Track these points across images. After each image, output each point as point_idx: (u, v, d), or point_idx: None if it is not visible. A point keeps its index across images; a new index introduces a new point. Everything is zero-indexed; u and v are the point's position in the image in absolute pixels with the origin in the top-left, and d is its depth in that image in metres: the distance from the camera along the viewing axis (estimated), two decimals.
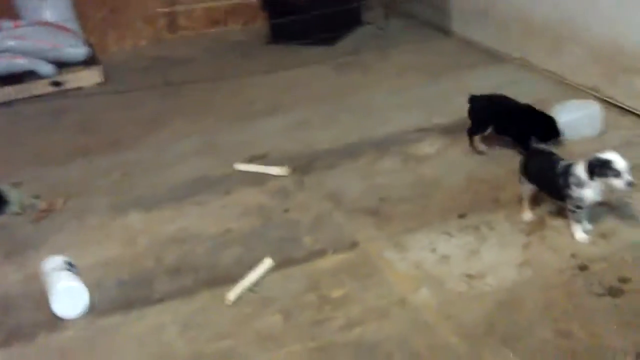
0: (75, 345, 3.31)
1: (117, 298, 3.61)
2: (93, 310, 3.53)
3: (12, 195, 4.45)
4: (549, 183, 3.65)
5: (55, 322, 3.46)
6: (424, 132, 4.99)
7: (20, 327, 3.45)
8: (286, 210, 4.24)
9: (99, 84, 6.68)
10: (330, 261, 3.74)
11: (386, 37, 7.11)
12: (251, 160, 4.82)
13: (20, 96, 6.41)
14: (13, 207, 4.40)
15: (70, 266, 3.66)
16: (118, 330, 3.39)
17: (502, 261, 3.56)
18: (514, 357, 2.97)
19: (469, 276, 3.49)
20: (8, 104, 6.32)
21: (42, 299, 3.59)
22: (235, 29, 7.93)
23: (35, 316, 3.52)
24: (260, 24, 7.75)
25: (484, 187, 4.22)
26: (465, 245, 3.71)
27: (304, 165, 4.71)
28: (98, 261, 3.91)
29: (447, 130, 4.94)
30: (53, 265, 3.64)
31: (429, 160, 4.61)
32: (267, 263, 3.69)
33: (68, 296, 3.47)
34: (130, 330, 3.38)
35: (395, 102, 5.55)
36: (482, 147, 4.59)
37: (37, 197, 4.54)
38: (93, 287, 3.69)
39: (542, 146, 3.85)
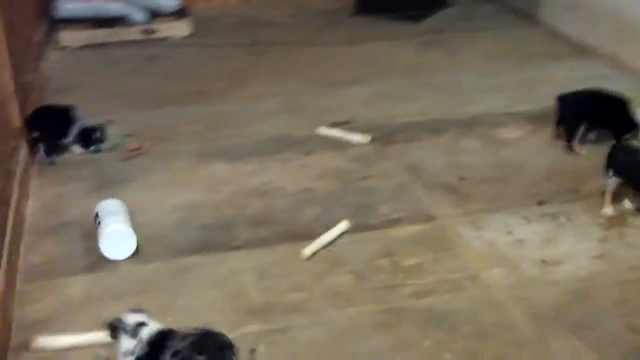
0: (157, 278, 3.47)
1: (198, 240, 3.75)
2: (174, 248, 3.68)
3: (106, 132, 4.63)
4: (636, 177, 3.64)
5: (140, 255, 3.62)
6: (508, 116, 4.99)
7: (104, 257, 3.61)
8: (365, 178, 4.32)
9: (187, 36, 6.81)
10: (405, 231, 3.81)
11: (472, 20, 7.06)
12: (333, 125, 4.90)
13: (112, 40, 6.59)
14: (106, 144, 4.59)
15: (122, 211, 3.76)
16: (198, 269, 3.53)
17: (578, 251, 3.57)
18: (581, 345, 3.00)
19: (543, 262, 3.52)
20: (101, 45, 6.51)
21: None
22: None
23: None
24: None
25: (566, 178, 4.21)
26: (541, 232, 3.74)
27: (385, 136, 4.77)
28: (182, 203, 4.07)
29: (532, 118, 4.93)
30: (107, 208, 3.77)
31: (512, 145, 4.62)
32: (344, 225, 3.78)
33: (117, 238, 3.58)
34: (209, 271, 3.52)
35: (479, 84, 5.54)
36: (582, 150, 4.49)
37: (128, 136, 4.72)
38: (176, 227, 3.86)
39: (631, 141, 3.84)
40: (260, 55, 6.27)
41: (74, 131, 4.52)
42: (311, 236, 3.71)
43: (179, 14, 6.94)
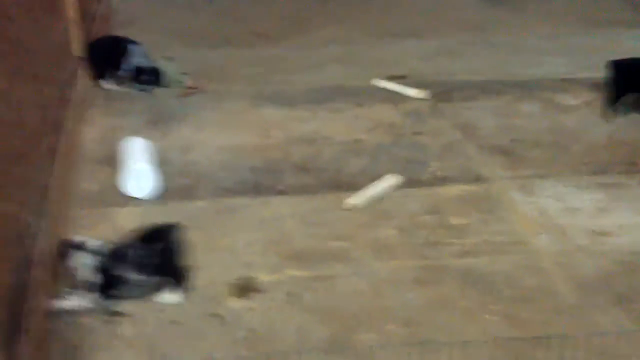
0: (202, 215, 3.51)
1: (244, 181, 3.78)
2: (221, 188, 3.71)
3: (165, 68, 4.66)
4: None
5: (187, 192, 3.67)
6: (570, 82, 4.86)
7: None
8: (417, 133, 4.27)
9: None
10: (453, 190, 3.77)
11: None
12: (389, 78, 4.84)
13: None
14: (165, 80, 4.62)
15: (147, 150, 3.79)
16: (242, 210, 3.56)
17: (630, 224, 3.49)
18: (624, 317, 2.95)
19: (593, 232, 3.45)
20: None
21: (177, 169, 3.81)
22: None
23: (175, 183, 3.74)
24: None
25: (623, 149, 4.10)
26: (594, 202, 3.66)
27: (440, 93, 4.70)
28: (231, 144, 4.09)
29: (595, 86, 4.78)
30: (132, 146, 3.80)
31: (571, 112, 4.51)
32: (394, 180, 3.75)
33: (139, 177, 3.61)
34: (253, 213, 3.55)
35: (544, 46, 5.40)
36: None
37: (185, 73, 4.73)
38: (224, 167, 3.89)
39: None
40: (324, 2, 6.19)
41: (128, 67, 4.54)
42: (356, 187, 3.70)
43: None
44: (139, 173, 3.60)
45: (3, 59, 3.07)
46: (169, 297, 3.00)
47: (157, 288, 3.00)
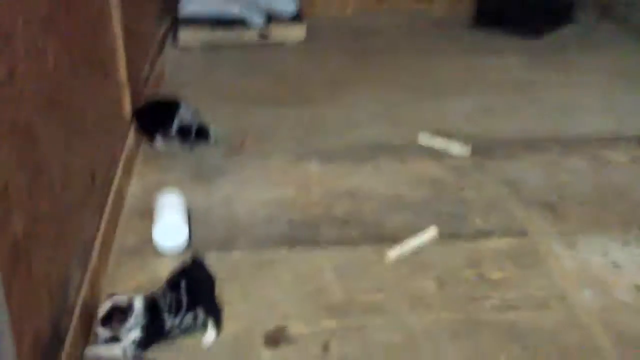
0: (240, 267, 3.53)
1: (284, 235, 3.80)
2: (260, 241, 3.74)
3: (211, 128, 4.76)
4: None
5: (227, 244, 3.71)
6: (617, 140, 4.78)
7: (197, 241, 3.71)
8: (461, 189, 4.25)
9: (299, 42, 6.92)
10: (495, 244, 3.72)
11: (593, 38, 6.82)
12: (434, 134, 4.84)
13: (229, 41, 6.78)
14: (210, 140, 4.72)
15: (180, 203, 3.83)
16: (281, 263, 3.57)
17: None
18: None
19: (639, 288, 3.34)
20: (218, 46, 6.71)
21: (216, 222, 3.87)
22: (440, 8, 7.88)
23: (215, 235, 3.79)
24: (467, 5, 7.65)
25: None
26: (639, 257, 3.56)
27: (484, 150, 4.68)
28: (273, 199, 4.13)
29: None
30: (166, 200, 3.85)
31: (619, 168, 4.43)
32: (432, 231, 3.73)
33: (169, 229, 3.64)
34: (291, 265, 3.55)
35: (591, 105, 5.34)
36: None
37: (230, 134, 4.83)
38: (265, 221, 3.92)
39: None
40: (366, 64, 6.28)
41: (176, 126, 4.67)
42: (397, 240, 3.68)
43: (295, 19, 7.06)
44: (169, 226, 3.65)
45: (62, 123, 3.22)
46: (205, 337, 3.01)
47: (193, 327, 3.02)
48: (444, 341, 3.07)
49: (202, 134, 4.67)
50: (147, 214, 3.82)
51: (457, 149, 4.63)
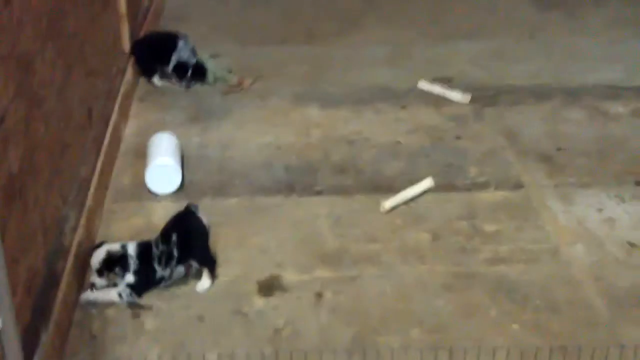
0: (237, 213, 3.55)
1: (280, 180, 3.80)
2: (256, 186, 3.74)
3: (209, 66, 4.70)
4: None
5: (222, 189, 3.71)
6: (621, 90, 4.73)
7: (192, 185, 3.72)
8: (458, 137, 4.22)
9: None
10: (490, 196, 3.72)
11: None
12: (435, 81, 4.78)
13: None
14: (208, 77, 4.66)
15: (176, 146, 3.80)
16: (276, 210, 3.59)
17: None
18: None
19: (631, 244, 3.37)
20: None
21: (214, 164, 3.87)
22: None
23: (211, 179, 3.78)
24: None
25: None
26: (635, 213, 3.57)
27: (487, 97, 4.64)
28: (272, 143, 4.12)
29: None
30: (161, 141, 3.81)
31: (619, 120, 4.39)
32: (428, 182, 3.72)
33: (162, 172, 3.62)
34: (287, 212, 3.57)
35: (597, 53, 5.25)
36: None
37: (230, 71, 4.78)
38: (261, 166, 3.92)
39: None
40: (377, 2, 6.16)
41: (173, 63, 4.58)
42: (393, 190, 3.69)
43: None
44: (162, 169, 3.64)
45: (60, 53, 3.17)
46: (199, 284, 3.04)
47: (185, 276, 3.06)
48: (435, 293, 3.10)
49: (199, 72, 4.59)
50: (143, 154, 3.81)
51: (457, 96, 4.59)
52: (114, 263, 2.97)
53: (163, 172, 3.62)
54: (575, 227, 3.49)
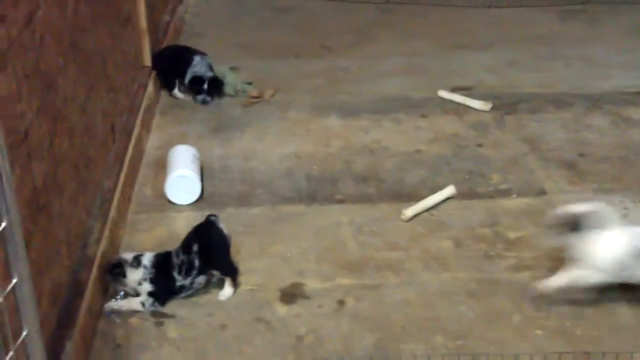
0: (258, 222, 3.56)
1: (303, 190, 3.81)
2: (278, 195, 3.76)
3: (229, 78, 4.74)
4: None
5: (245, 199, 3.73)
6: None
7: (215, 195, 3.74)
8: (480, 145, 4.22)
9: None
10: (513, 203, 3.71)
11: None
12: (454, 90, 4.79)
13: None
14: (228, 89, 4.69)
15: (195, 158, 3.82)
16: (299, 218, 3.60)
17: None
18: None
19: None
20: None
21: (237, 175, 3.89)
22: None
23: (230, 189, 3.81)
24: None
25: None
26: None
27: (507, 105, 4.63)
28: (292, 153, 4.13)
29: None
30: (180, 153, 3.83)
31: None
32: (450, 190, 3.72)
33: (182, 183, 3.64)
34: (309, 221, 3.58)
35: (618, 60, 5.23)
36: None
37: (250, 83, 4.81)
38: (283, 175, 3.93)
39: None
40: (390, 14, 6.18)
41: (189, 77, 4.60)
42: (415, 198, 3.69)
43: None
44: (181, 180, 3.66)
45: (82, 72, 3.23)
46: (222, 293, 3.06)
47: (206, 286, 3.08)
48: (458, 300, 3.09)
49: (215, 86, 4.61)
50: (164, 167, 3.84)
51: (477, 104, 4.58)
52: (113, 268, 3.02)
53: (182, 183, 3.65)
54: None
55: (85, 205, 3.17)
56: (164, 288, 3.00)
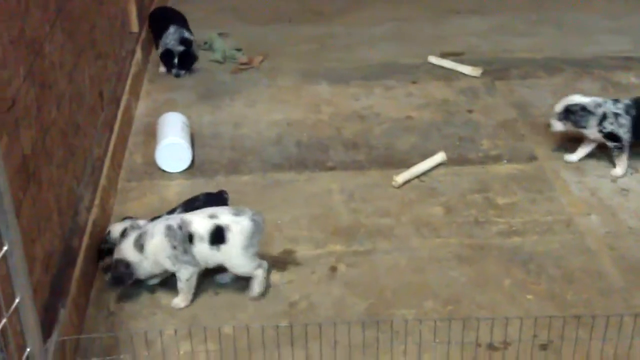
0: (249, 190, 3.56)
1: (293, 157, 3.81)
2: (269, 162, 3.75)
3: (217, 44, 4.69)
4: None
5: (235, 166, 3.72)
6: (632, 61, 4.70)
7: (205, 163, 3.73)
8: (470, 111, 4.21)
9: None
10: (504, 168, 3.71)
11: None
12: (444, 56, 4.77)
13: None
14: (216, 56, 4.65)
15: (185, 125, 3.79)
16: (290, 185, 3.60)
17: None
18: None
19: None
20: None
21: (227, 142, 3.88)
22: None
23: (220, 157, 3.80)
24: None
25: None
26: None
27: (497, 70, 4.62)
28: (283, 119, 4.12)
29: None
30: (169, 120, 3.80)
31: (631, 90, 4.35)
32: (440, 157, 3.72)
33: (172, 151, 3.63)
34: (300, 187, 3.58)
35: (607, 25, 5.22)
36: None
37: (239, 49, 4.77)
38: (274, 142, 3.92)
39: None
40: None
41: (161, 48, 4.50)
42: (405, 164, 3.69)
43: None
44: (171, 148, 3.64)
45: (69, 37, 3.18)
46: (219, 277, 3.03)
47: None
48: (449, 265, 3.11)
49: (186, 61, 4.47)
50: (155, 134, 3.81)
51: (467, 69, 4.57)
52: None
53: (172, 150, 3.63)
54: (589, 198, 3.48)
55: (75, 173, 3.15)
56: None
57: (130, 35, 4.51)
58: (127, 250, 2.85)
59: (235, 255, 2.84)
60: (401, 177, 3.59)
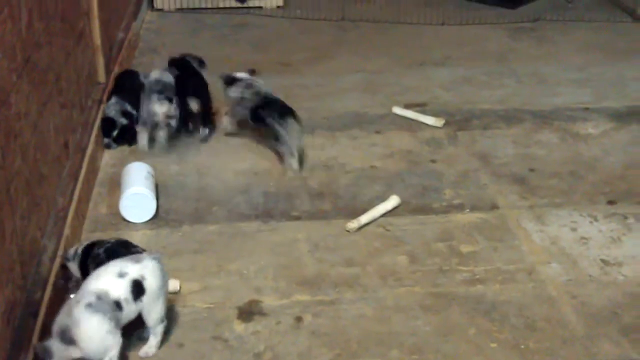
0: (215, 239, 3.56)
1: (259, 207, 3.83)
2: (235, 212, 3.77)
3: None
4: None
5: (201, 216, 3.73)
6: (591, 112, 4.83)
7: (171, 212, 3.74)
8: (433, 161, 4.29)
9: (279, 7, 6.84)
10: (466, 217, 3.77)
11: (571, 10, 6.80)
12: (409, 106, 4.86)
13: (206, 5, 6.69)
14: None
15: (149, 174, 3.80)
16: (255, 235, 3.61)
17: None
18: (631, 349, 2.92)
19: (605, 262, 3.43)
20: (195, 10, 6.61)
21: (192, 191, 3.89)
22: None
23: (186, 206, 3.81)
24: None
25: None
26: (607, 232, 3.64)
27: (460, 121, 4.72)
28: (249, 169, 4.15)
29: (617, 115, 4.77)
30: (134, 170, 3.81)
31: (590, 141, 4.48)
32: (393, 201, 3.78)
33: (136, 201, 3.63)
34: (266, 237, 3.59)
35: (566, 77, 5.37)
36: None
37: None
38: (239, 192, 3.94)
39: None
40: (348, 31, 6.24)
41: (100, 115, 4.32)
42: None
43: None
44: (135, 198, 3.65)
45: (35, 88, 3.19)
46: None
47: None
48: (414, 314, 3.13)
49: (125, 137, 4.30)
50: (119, 184, 3.81)
51: (430, 120, 4.66)
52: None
53: (136, 200, 3.63)
54: (550, 247, 3.55)
55: (39, 224, 3.14)
56: None
57: (97, 85, 4.53)
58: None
59: (154, 299, 2.81)
60: (356, 223, 3.62)
